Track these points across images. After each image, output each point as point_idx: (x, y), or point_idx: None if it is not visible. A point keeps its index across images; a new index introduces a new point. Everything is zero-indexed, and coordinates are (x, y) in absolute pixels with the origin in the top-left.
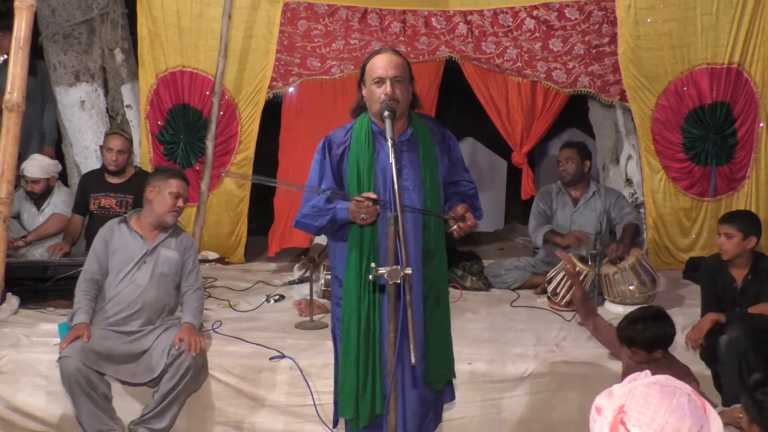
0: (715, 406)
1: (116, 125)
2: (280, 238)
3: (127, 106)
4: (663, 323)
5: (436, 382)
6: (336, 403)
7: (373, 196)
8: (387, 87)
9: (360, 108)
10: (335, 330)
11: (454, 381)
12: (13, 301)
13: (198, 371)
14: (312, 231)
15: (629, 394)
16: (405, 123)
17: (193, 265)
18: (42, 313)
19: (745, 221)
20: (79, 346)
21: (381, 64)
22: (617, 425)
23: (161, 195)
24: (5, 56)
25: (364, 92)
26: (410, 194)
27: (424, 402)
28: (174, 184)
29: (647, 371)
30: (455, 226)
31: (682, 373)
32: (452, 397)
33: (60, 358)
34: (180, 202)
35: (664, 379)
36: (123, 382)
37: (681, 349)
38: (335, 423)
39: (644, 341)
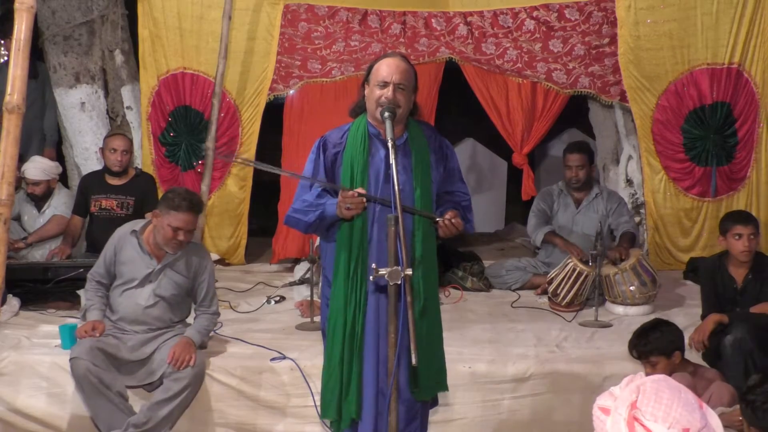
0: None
1: (116, 127)
2: (282, 246)
3: (128, 108)
4: (672, 326)
5: (420, 392)
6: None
7: (361, 191)
8: (389, 91)
9: (359, 107)
10: (324, 330)
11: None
12: (13, 302)
13: (195, 388)
14: (301, 227)
15: (639, 390)
16: (402, 129)
17: (208, 289)
18: (43, 314)
19: (756, 220)
20: (87, 346)
21: (387, 69)
22: (632, 421)
23: (162, 224)
24: (6, 58)
25: (366, 92)
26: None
27: (409, 408)
28: (175, 218)
29: (640, 373)
30: (439, 221)
31: (711, 376)
32: (435, 403)
33: (71, 359)
34: (180, 236)
35: (665, 377)
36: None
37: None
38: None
39: (662, 347)
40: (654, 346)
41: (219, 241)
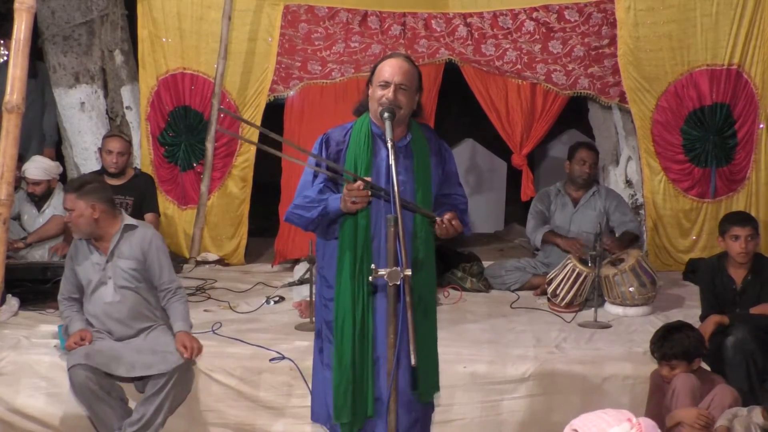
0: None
1: (116, 127)
2: (282, 249)
3: (127, 108)
4: (696, 332)
5: (423, 394)
6: (313, 404)
7: (367, 179)
8: (390, 92)
9: (363, 107)
10: (323, 332)
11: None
12: (13, 302)
13: (183, 379)
14: (303, 223)
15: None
16: (404, 130)
17: (160, 263)
18: (42, 314)
19: (755, 221)
20: (82, 353)
21: (390, 69)
22: None
23: None
24: (5, 57)
25: (369, 91)
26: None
27: (410, 410)
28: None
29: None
30: (437, 219)
31: (714, 379)
32: (432, 408)
33: (69, 368)
34: (66, 217)
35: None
36: (124, 379)
37: None
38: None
39: (686, 351)
40: (679, 349)
41: (219, 242)
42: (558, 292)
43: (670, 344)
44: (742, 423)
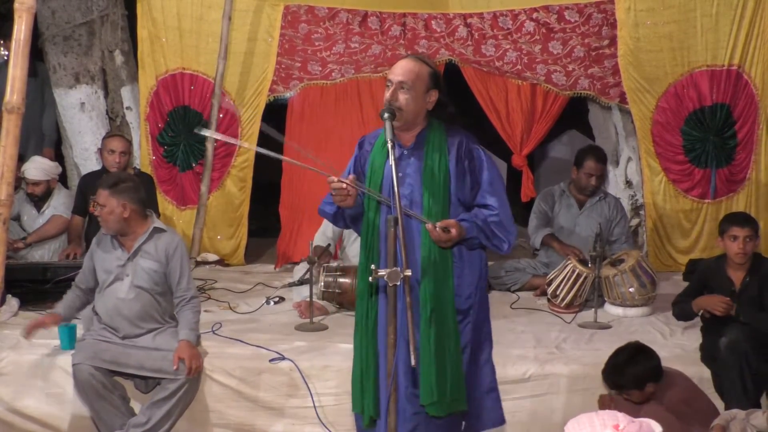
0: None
1: (116, 127)
2: (284, 252)
3: (127, 108)
4: (643, 357)
5: (432, 406)
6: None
7: (345, 180)
8: (389, 92)
9: None
10: None
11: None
12: (13, 303)
13: (193, 386)
14: (329, 218)
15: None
16: (417, 131)
17: (182, 270)
18: (42, 314)
19: (755, 222)
20: (90, 352)
21: (394, 69)
22: None
23: None
24: (5, 57)
25: None
26: (406, 203)
27: (404, 419)
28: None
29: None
30: (428, 226)
31: (678, 400)
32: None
33: (74, 364)
34: (97, 210)
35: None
36: (132, 376)
37: (679, 349)
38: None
39: (637, 380)
40: (629, 379)
41: (218, 242)
42: (558, 292)
43: (614, 377)
44: (739, 426)
